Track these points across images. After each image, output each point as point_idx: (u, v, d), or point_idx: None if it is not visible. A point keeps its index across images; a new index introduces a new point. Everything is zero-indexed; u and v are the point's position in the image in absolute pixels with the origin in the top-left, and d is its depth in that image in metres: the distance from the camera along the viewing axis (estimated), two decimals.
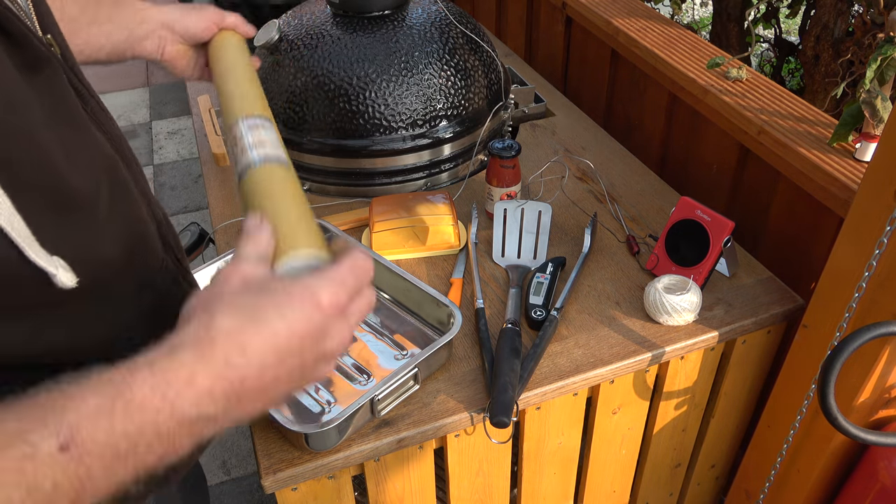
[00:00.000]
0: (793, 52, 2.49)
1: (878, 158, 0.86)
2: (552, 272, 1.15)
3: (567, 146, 1.51)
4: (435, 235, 1.21)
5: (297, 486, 0.94)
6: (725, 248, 1.11)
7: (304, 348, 0.45)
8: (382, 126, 1.30)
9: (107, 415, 0.39)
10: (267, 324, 0.44)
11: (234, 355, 0.43)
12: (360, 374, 1.02)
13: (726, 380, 1.19)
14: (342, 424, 0.89)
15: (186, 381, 0.41)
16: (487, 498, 1.14)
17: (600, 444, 1.18)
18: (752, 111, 1.24)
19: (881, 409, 1.03)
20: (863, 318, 0.92)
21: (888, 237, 0.85)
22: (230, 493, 1.81)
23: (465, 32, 1.38)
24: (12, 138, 0.43)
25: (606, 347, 1.06)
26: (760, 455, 1.21)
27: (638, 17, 1.58)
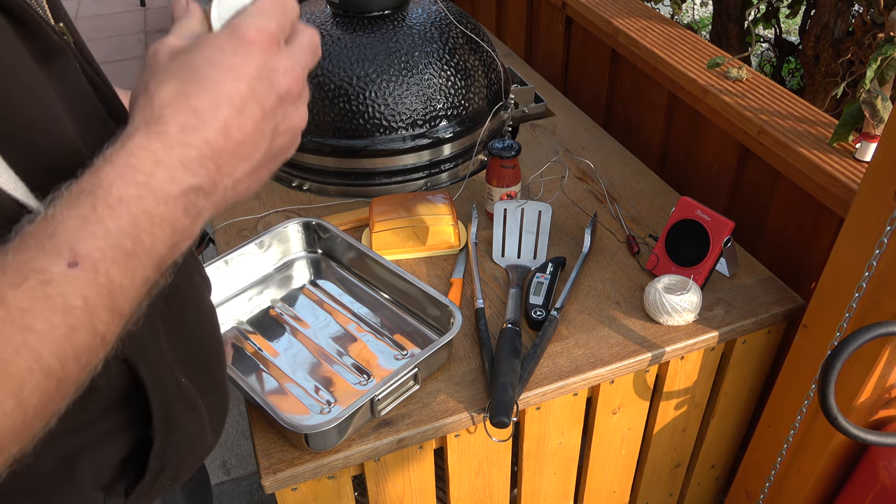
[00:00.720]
0: (793, 52, 2.49)
1: (878, 158, 0.86)
2: (552, 272, 1.15)
3: (567, 146, 1.51)
4: (435, 235, 1.21)
5: (297, 486, 0.94)
6: (725, 248, 1.11)
7: (256, 91, 0.42)
8: (382, 126, 1.30)
9: (95, 221, 0.37)
10: (206, 78, 0.41)
11: (186, 120, 0.40)
12: (360, 374, 1.02)
13: (726, 380, 1.19)
14: (342, 424, 0.89)
15: (152, 162, 0.39)
16: (487, 498, 1.14)
17: (600, 444, 1.18)
18: (752, 111, 1.24)
19: (881, 409, 1.03)
20: (863, 318, 0.92)
21: (888, 237, 0.85)
22: (230, 493, 1.81)
23: (465, 32, 1.38)
24: (35, 127, 0.42)
25: (606, 347, 1.06)
26: (760, 455, 1.21)
27: (638, 17, 1.58)
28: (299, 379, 1.01)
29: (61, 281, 0.36)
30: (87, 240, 0.37)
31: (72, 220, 0.37)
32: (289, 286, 1.18)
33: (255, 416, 0.97)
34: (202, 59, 0.41)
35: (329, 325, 1.11)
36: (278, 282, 1.18)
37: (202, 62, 0.41)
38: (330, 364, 1.04)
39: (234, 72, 0.41)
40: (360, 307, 1.14)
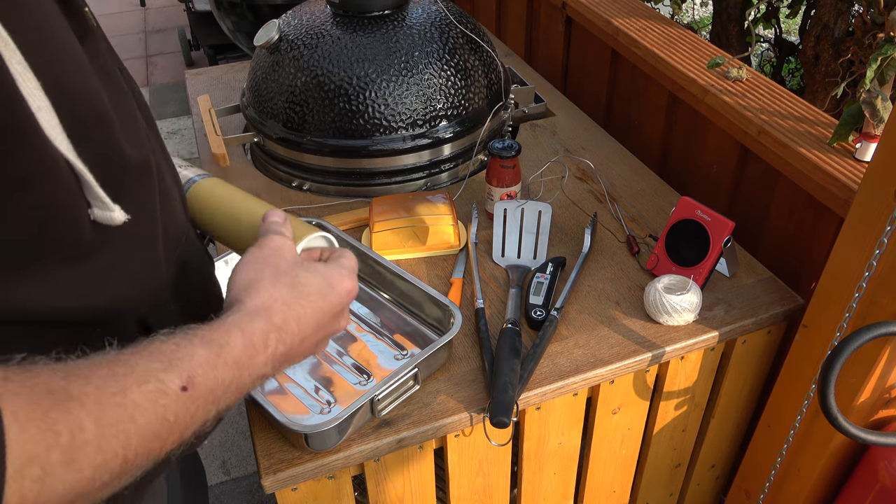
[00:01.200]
0: (793, 52, 2.49)
1: (878, 158, 0.86)
2: (552, 272, 1.15)
3: (567, 146, 1.51)
4: (435, 235, 1.21)
5: (297, 486, 0.94)
6: (725, 248, 1.11)
7: (329, 322, 0.57)
8: (382, 126, 1.30)
9: (212, 366, 0.47)
10: (315, 300, 0.55)
11: (293, 324, 0.53)
12: (360, 374, 1.02)
13: (726, 380, 1.19)
14: (342, 424, 0.89)
15: (263, 345, 0.51)
16: (487, 498, 1.14)
17: (600, 444, 1.18)
18: (752, 111, 1.24)
19: (881, 409, 1.04)
20: (863, 318, 0.92)
21: (888, 237, 0.85)
22: (230, 493, 1.81)
23: (465, 32, 1.38)
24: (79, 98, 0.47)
25: (606, 347, 1.06)
26: (760, 455, 1.21)
27: (638, 17, 1.58)
28: (299, 379, 1.01)
29: (170, 397, 0.44)
30: (201, 376, 0.46)
31: (199, 356, 0.47)
32: None
33: (255, 416, 0.97)
34: (315, 284, 0.56)
35: None
36: None
37: (314, 285, 0.56)
38: (330, 364, 1.04)
39: (330, 305, 0.57)
40: (359, 307, 1.14)
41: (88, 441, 0.38)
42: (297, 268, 0.57)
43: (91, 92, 0.49)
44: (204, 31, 3.53)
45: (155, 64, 4.03)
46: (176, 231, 0.61)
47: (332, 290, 0.57)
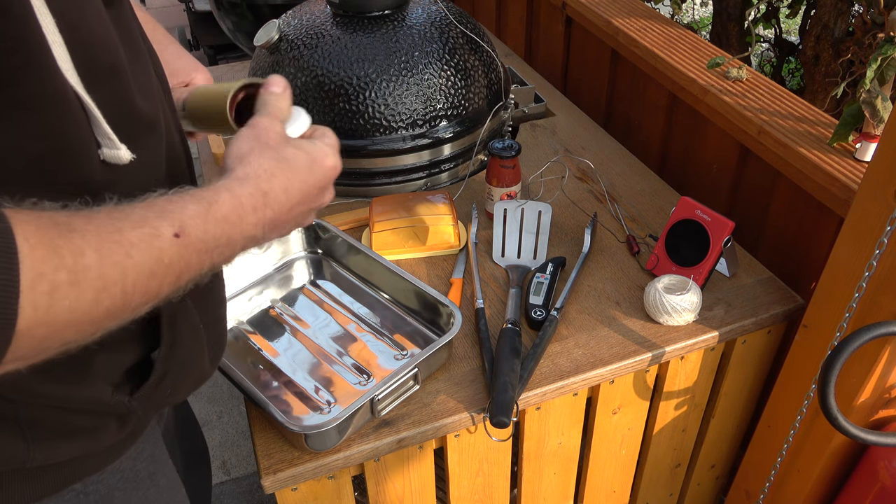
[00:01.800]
0: (793, 52, 2.49)
1: (878, 158, 0.86)
2: (552, 272, 1.15)
3: (567, 146, 1.51)
4: (435, 235, 1.21)
5: (297, 486, 0.94)
6: (725, 248, 1.11)
7: (315, 196, 0.62)
8: (382, 126, 1.30)
9: (202, 219, 0.51)
10: (301, 174, 0.60)
11: (280, 194, 0.58)
12: (360, 374, 1.02)
13: (726, 380, 1.19)
14: (342, 424, 0.89)
15: (252, 208, 0.55)
16: (487, 498, 1.14)
17: (600, 444, 1.18)
18: (752, 111, 1.24)
19: (881, 409, 1.04)
20: (863, 318, 0.92)
21: (888, 237, 0.85)
22: (230, 493, 1.81)
23: (465, 32, 1.38)
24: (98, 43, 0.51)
25: (606, 347, 1.06)
26: (760, 455, 1.21)
27: (638, 17, 1.58)
28: (299, 379, 1.01)
29: (165, 240, 0.48)
30: (192, 227, 0.50)
31: (189, 210, 0.50)
32: (289, 286, 1.18)
33: (255, 416, 0.97)
34: (303, 159, 0.60)
35: (329, 325, 1.11)
36: (278, 282, 1.18)
37: (302, 161, 0.60)
38: (330, 364, 1.04)
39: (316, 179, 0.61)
40: (360, 307, 1.14)
41: (89, 266, 0.43)
42: (284, 144, 0.61)
43: (108, 43, 0.52)
44: (204, 31, 3.53)
45: None
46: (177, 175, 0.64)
47: (317, 165, 0.61)
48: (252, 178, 0.56)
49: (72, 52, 0.48)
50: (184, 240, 0.49)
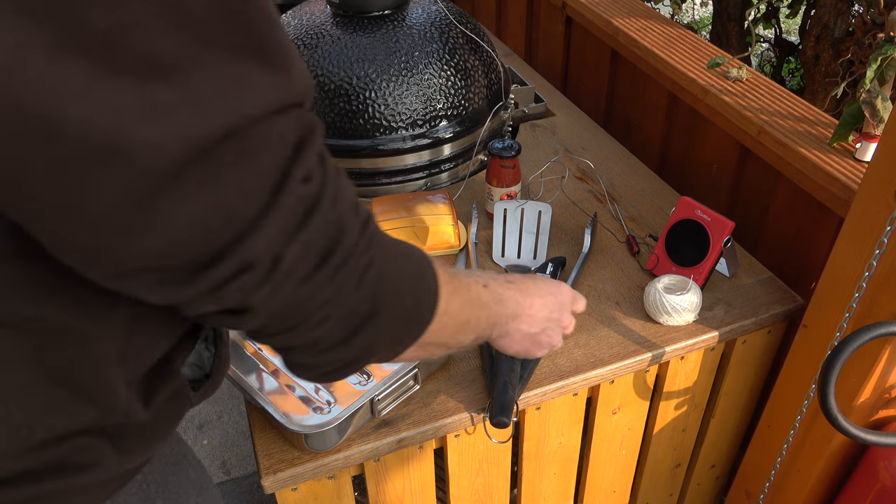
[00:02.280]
0: (793, 52, 2.49)
1: (878, 158, 0.86)
2: (552, 272, 1.15)
3: (567, 146, 1.51)
4: (435, 235, 1.21)
5: (297, 486, 0.94)
6: (725, 248, 1.10)
7: (555, 315, 0.80)
8: (382, 126, 1.30)
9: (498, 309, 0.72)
10: (547, 299, 0.79)
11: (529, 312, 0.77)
12: (360, 374, 1.02)
13: (726, 380, 1.19)
14: (342, 424, 0.89)
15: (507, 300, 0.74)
16: (487, 498, 1.14)
17: (600, 444, 1.18)
18: (752, 111, 1.24)
19: (881, 409, 1.04)
20: (863, 318, 0.92)
21: (888, 237, 0.85)
22: (230, 493, 1.81)
23: (465, 32, 1.38)
24: None
25: (606, 347, 1.06)
26: (760, 455, 1.21)
27: (638, 17, 1.58)
28: (299, 379, 1.01)
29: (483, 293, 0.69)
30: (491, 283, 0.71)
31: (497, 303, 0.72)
32: None
33: (255, 416, 0.97)
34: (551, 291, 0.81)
35: None
36: None
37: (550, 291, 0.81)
38: None
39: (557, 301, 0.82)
40: None
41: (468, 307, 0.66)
42: (547, 283, 0.81)
43: None
44: None
45: None
46: None
47: (561, 294, 0.82)
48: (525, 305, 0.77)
49: None
50: (489, 288, 0.70)
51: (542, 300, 0.79)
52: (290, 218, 0.44)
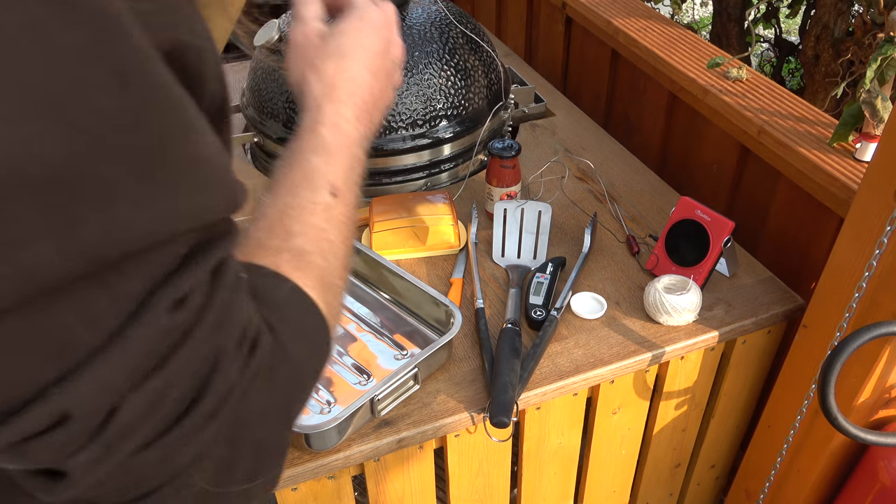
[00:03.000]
0: (793, 52, 2.49)
1: (878, 158, 0.86)
2: (552, 272, 1.15)
3: (567, 146, 1.51)
4: (435, 235, 1.21)
5: (297, 486, 0.94)
6: (725, 248, 1.11)
7: (383, 60, 0.63)
8: (382, 126, 1.30)
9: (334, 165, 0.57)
10: (355, 55, 0.61)
11: (348, 87, 0.60)
12: (360, 374, 1.02)
13: (726, 380, 1.19)
14: (342, 424, 0.89)
15: (344, 119, 0.59)
16: (487, 498, 1.14)
17: (600, 444, 1.18)
18: (752, 111, 1.24)
19: (881, 409, 1.04)
20: (863, 318, 0.92)
21: (888, 237, 0.85)
22: None
23: (465, 32, 1.38)
24: None
25: (606, 347, 1.06)
26: (760, 455, 1.21)
27: (638, 17, 1.58)
28: None
29: (333, 206, 0.55)
30: (335, 178, 0.56)
31: (320, 166, 0.56)
32: None
33: None
34: (348, 41, 0.61)
35: None
36: None
37: (349, 43, 0.61)
38: (330, 364, 1.04)
39: (370, 49, 0.62)
40: (360, 307, 1.14)
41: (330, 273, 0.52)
42: (327, 38, 0.62)
43: None
44: None
45: None
46: None
47: (364, 36, 0.63)
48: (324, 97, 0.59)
49: None
50: (339, 193, 0.57)
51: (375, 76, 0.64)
52: (141, 356, 0.34)
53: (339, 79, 0.60)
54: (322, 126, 0.58)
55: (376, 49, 0.62)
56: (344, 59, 0.60)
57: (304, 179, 0.54)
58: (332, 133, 0.58)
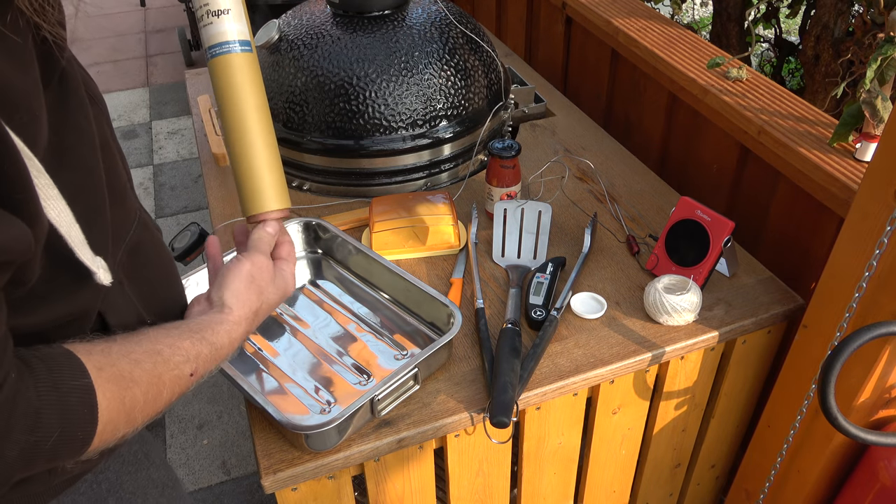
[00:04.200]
0: (793, 52, 2.49)
1: (878, 158, 0.86)
2: (552, 272, 1.15)
3: (567, 146, 1.51)
4: (435, 235, 1.21)
5: (297, 486, 0.94)
6: (725, 248, 1.11)
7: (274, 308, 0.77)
8: (382, 126, 1.30)
9: (209, 361, 0.66)
10: (273, 300, 0.76)
11: (256, 321, 0.74)
12: (360, 374, 1.02)
13: (726, 380, 1.19)
14: (342, 424, 0.89)
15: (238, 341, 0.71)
16: (487, 498, 1.14)
17: (600, 444, 1.18)
18: (752, 111, 1.24)
19: (881, 409, 1.04)
20: (863, 318, 0.92)
21: (888, 237, 0.85)
22: (230, 493, 1.81)
23: (465, 32, 1.38)
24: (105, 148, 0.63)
25: (606, 347, 1.06)
26: (760, 455, 1.21)
27: (638, 17, 1.58)
28: (299, 379, 1.01)
29: (184, 380, 0.63)
30: (203, 368, 0.66)
31: (203, 354, 0.66)
32: None
33: (255, 416, 0.97)
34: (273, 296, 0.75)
35: (329, 325, 1.11)
36: None
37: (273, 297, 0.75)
38: (330, 364, 1.04)
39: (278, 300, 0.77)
40: (360, 307, 1.14)
41: (139, 408, 0.59)
42: (270, 285, 0.75)
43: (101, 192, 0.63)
44: None
45: (155, 64, 4.03)
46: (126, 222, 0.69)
47: (283, 296, 0.78)
48: (243, 322, 0.71)
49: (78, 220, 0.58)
50: (195, 377, 0.65)
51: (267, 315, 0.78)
52: None
53: (257, 317, 0.73)
54: (227, 337, 0.69)
55: (282, 300, 0.78)
56: (268, 302, 0.74)
57: (186, 350, 0.64)
58: (228, 345, 0.69)
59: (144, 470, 0.81)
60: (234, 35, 0.74)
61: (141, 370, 0.59)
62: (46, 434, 0.51)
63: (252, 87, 0.76)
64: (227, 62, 0.74)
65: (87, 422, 0.54)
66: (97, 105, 0.64)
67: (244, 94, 0.75)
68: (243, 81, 0.75)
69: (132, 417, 0.58)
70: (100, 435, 0.55)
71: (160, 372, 0.61)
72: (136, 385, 0.58)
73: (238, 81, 0.74)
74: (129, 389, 0.57)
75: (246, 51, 0.75)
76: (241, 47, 0.74)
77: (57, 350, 0.54)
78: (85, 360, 0.55)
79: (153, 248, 0.74)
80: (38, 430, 0.50)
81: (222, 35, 0.73)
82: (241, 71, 0.75)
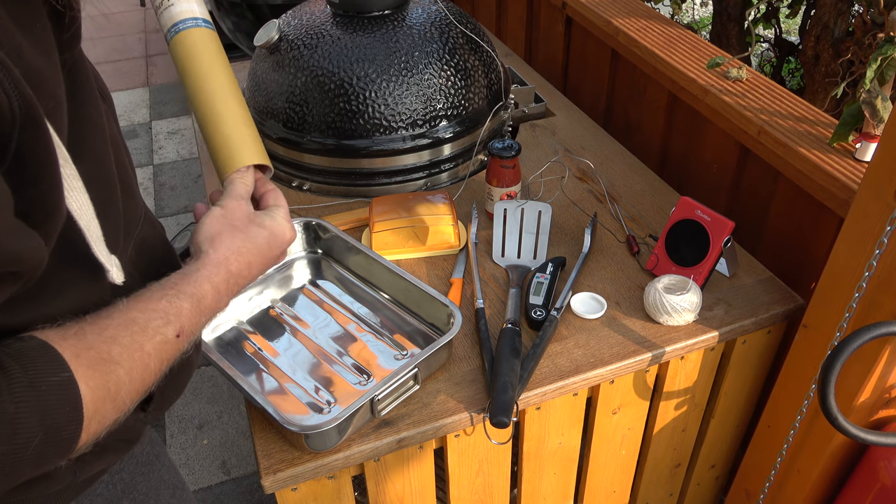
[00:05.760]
0: (793, 52, 2.49)
1: (878, 158, 0.86)
2: (552, 272, 1.15)
3: (567, 146, 1.51)
4: (435, 235, 1.21)
5: (297, 486, 0.94)
6: (725, 248, 1.11)
7: (272, 262, 0.73)
8: (382, 126, 1.30)
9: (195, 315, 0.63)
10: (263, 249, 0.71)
11: (245, 269, 0.69)
12: (360, 374, 1.02)
13: (726, 380, 1.19)
14: (342, 424, 0.89)
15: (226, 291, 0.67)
16: (487, 498, 1.14)
17: (600, 444, 1.18)
18: (752, 111, 1.24)
19: (881, 409, 1.03)
20: (863, 318, 0.92)
21: (888, 237, 0.85)
22: (230, 493, 1.81)
23: (465, 32, 1.38)
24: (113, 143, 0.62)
25: (606, 347, 1.06)
26: (760, 455, 1.21)
27: (638, 17, 1.58)
28: (299, 379, 1.01)
29: (171, 343, 0.60)
30: (188, 325, 0.61)
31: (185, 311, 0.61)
32: (289, 286, 1.18)
33: (255, 416, 0.97)
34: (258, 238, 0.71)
35: (329, 325, 1.11)
36: (278, 282, 1.18)
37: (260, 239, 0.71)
38: (330, 364, 1.04)
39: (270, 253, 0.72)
40: (360, 307, 1.14)
41: (126, 390, 0.55)
42: (249, 223, 0.71)
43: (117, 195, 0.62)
44: None
45: (155, 64, 4.03)
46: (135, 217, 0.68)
47: (276, 239, 0.73)
48: (223, 263, 0.67)
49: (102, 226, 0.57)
50: (182, 337, 0.61)
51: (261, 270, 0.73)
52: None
53: (241, 258, 0.69)
54: (209, 283, 0.65)
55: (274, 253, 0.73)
56: (253, 247, 0.70)
57: (163, 311, 0.60)
58: (211, 294, 0.65)
59: (156, 471, 0.80)
60: (198, 13, 0.78)
61: (120, 347, 0.55)
62: (26, 440, 0.47)
63: (220, 57, 0.78)
64: (197, 34, 0.77)
65: (72, 420, 0.50)
66: (106, 101, 0.64)
67: (217, 61, 0.78)
68: (215, 51, 0.78)
69: (120, 401, 0.55)
70: (87, 429, 0.52)
71: (141, 343, 0.57)
72: (117, 365, 0.54)
73: (211, 49, 0.77)
74: (111, 373, 0.53)
75: (209, 27, 0.78)
76: (205, 24, 0.78)
77: (30, 343, 0.50)
78: (59, 348, 0.51)
79: (158, 245, 0.73)
80: (16, 437, 0.46)
81: (188, 12, 0.77)
82: (212, 40, 0.78)
